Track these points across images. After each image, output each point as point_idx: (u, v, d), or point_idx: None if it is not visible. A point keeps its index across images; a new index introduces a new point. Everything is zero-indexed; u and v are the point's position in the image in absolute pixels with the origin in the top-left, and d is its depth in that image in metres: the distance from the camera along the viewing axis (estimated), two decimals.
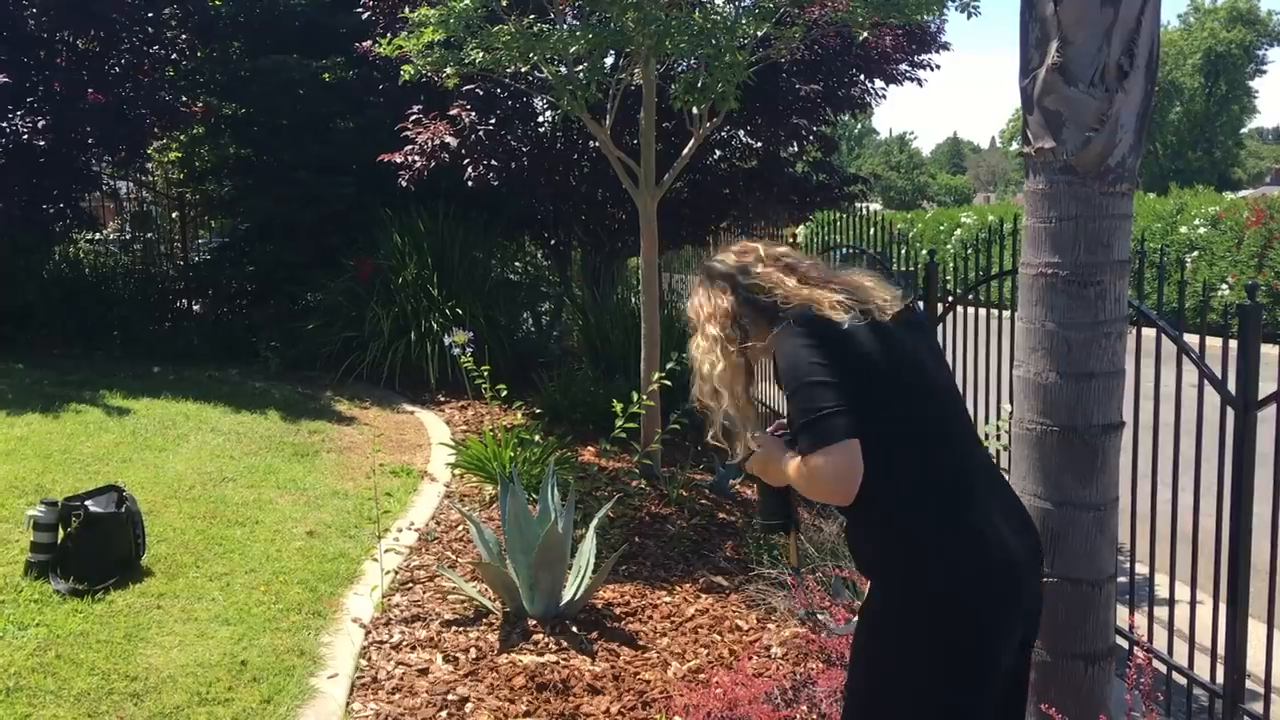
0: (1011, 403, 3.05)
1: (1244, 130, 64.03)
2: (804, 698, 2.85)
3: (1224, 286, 15.27)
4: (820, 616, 3.87)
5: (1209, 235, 16.20)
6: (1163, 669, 3.79)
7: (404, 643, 3.92)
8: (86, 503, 4.04)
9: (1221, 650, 3.55)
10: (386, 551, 4.56)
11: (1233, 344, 3.42)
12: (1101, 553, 2.88)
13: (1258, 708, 3.45)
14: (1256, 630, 3.52)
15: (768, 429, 2.33)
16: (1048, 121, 2.76)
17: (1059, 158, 2.74)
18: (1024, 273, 2.88)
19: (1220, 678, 3.63)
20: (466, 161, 7.78)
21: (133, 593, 3.95)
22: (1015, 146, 76.44)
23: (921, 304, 5.03)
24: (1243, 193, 29.33)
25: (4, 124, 8.15)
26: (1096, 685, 2.89)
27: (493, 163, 7.91)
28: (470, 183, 7.85)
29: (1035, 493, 2.85)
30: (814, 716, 2.77)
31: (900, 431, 2.11)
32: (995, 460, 2.45)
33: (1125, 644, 3.47)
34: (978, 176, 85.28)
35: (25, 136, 8.02)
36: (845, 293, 2.21)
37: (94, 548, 3.94)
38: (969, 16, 5.99)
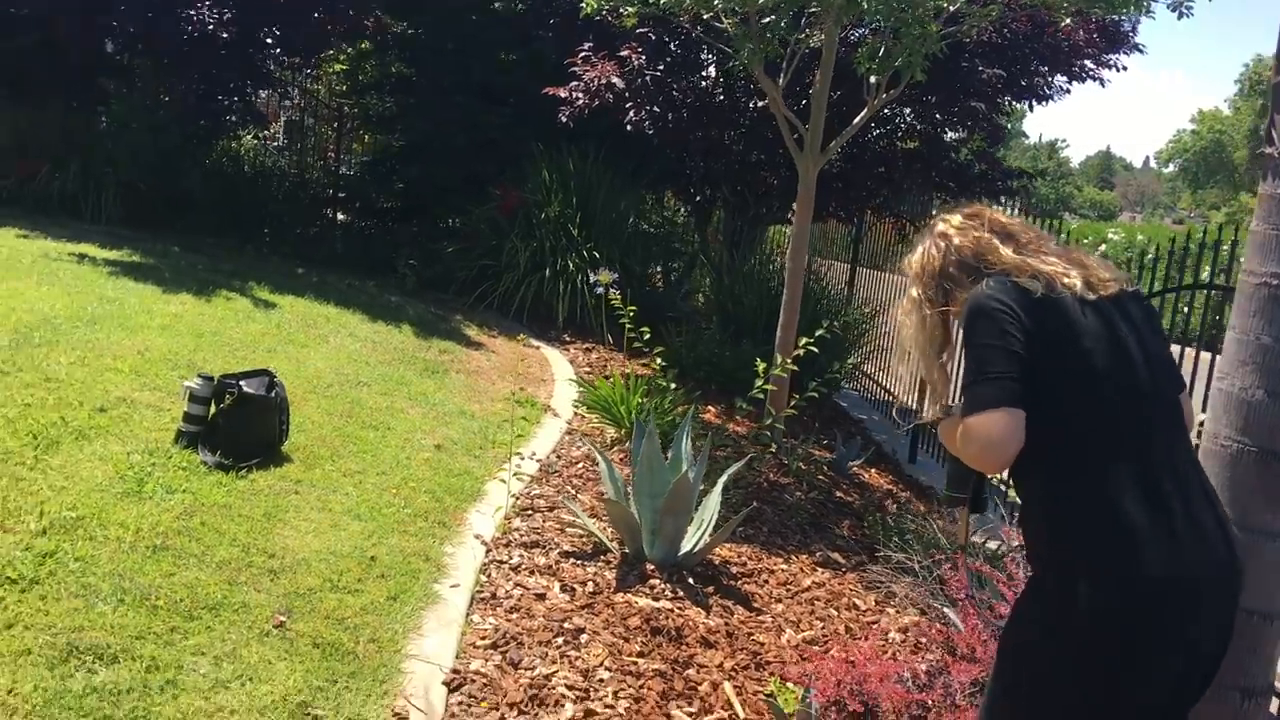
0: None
1: None
2: (939, 685, 2.76)
3: None
4: (947, 610, 3.76)
5: None
6: None
7: (523, 566, 3.94)
8: (241, 382, 4.15)
9: None
10: (514, 475, 4.60)
11: None
12: (1278, 586, 2.71)
13: None
14: None
15: None
16: None
17: None
18: (1245, 280, 2.70)
19: None
20: (629, 105, 7.74)
21: (273, 475, 4.05)
22: (1172, 169, 73.29)
23: None
24: None
25: (191, 11, 8.39)
26: None
27: (654, 109, 7.86)
28: (629, 126, 7.82)
29: None
30: (947, 704, 2.68)
31: (1080, 415, 1.98)
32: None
33: None
34: (1125, 195, 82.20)
35: (210, 26, 8.26)
36: (1057, 265, 2.09)
37: (242, 427, 4.05)
38: (1180, 17, 5.67)
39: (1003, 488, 5.94)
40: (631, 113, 7.72)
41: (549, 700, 3.03)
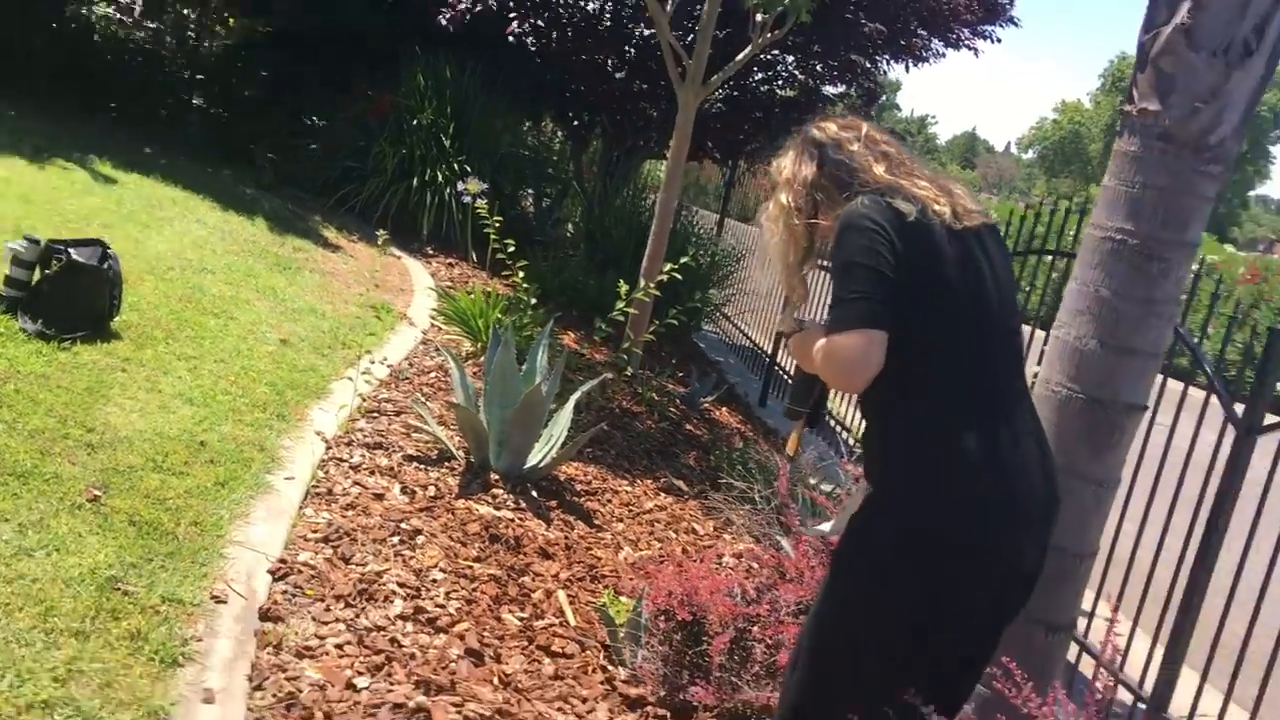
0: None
1: (1251, 193, 64.61)
2: (766, 600, 2.82)
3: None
4: (780, 539, 3.84)
5: (1204, 283, 16.27)
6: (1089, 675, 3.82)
7: (364, 466, 3.84)
8: (70, 250, 3.89)
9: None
10: (362, 374, 4.46)
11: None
12: (1091, 529, 2.86)
13: None
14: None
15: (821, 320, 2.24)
16: (1158, 83, 2.66)
17: (1160, 122, 2.64)
18: (1091, 234, 2.80)
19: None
20: (513, 15, 7.53)
21: (99, 350, 3.82)
22: (1031, 155, 76.31)
23: None
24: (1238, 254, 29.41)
25: None
26: (1051, 654, 2.89)
27: (539, 24, 7.66)
28: (511, 38, 7.60)
29: None
30: (773, 619, 2.74)
31: (938, 341, 2.00)
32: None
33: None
34: (985, 176, 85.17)
35: None
36: (929, 190, 2.10)
37: (70, 296, 3.80)
38: None
39: (840, 429, 6.11)
40: (515, 24, 7.52)
41: (378, 595, 2.97)
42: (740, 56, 6.10)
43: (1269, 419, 3.39)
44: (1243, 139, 2.74)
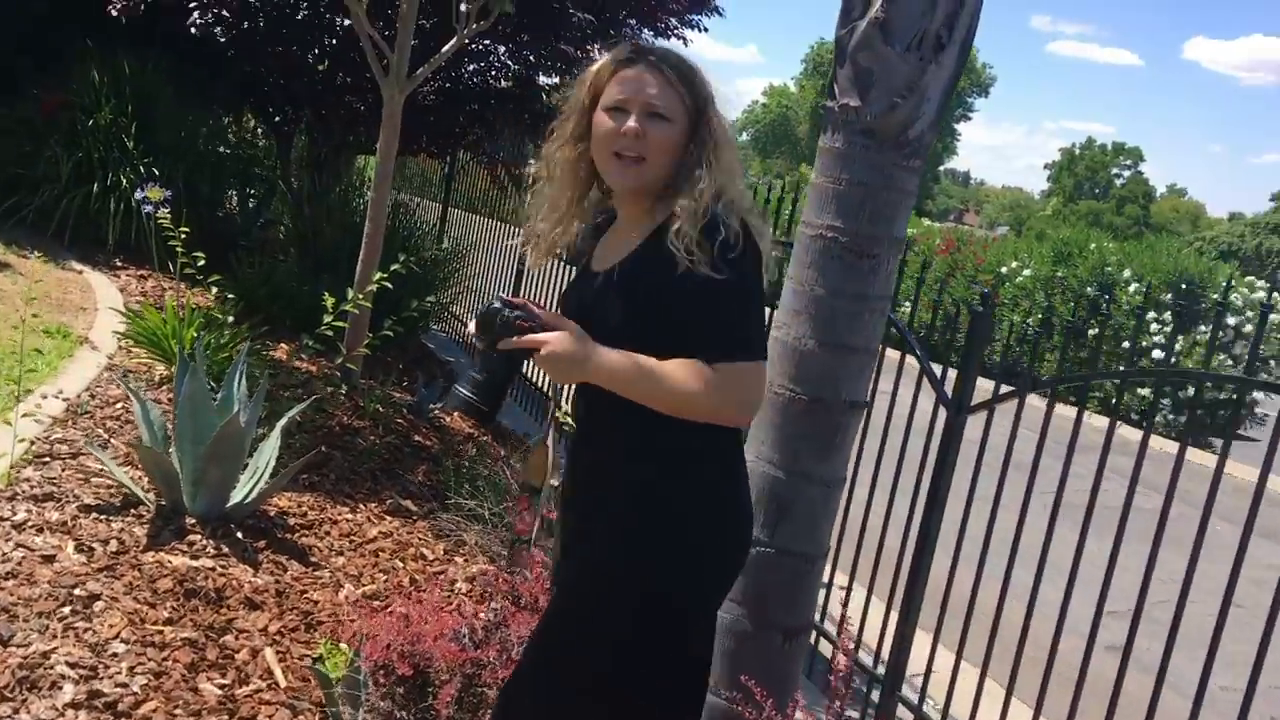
0: None
1: (941, 167, 70.66)
2: (495, 640, 2.62)
3: (905, 305, 16.46)
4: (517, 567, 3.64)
5: (911, 263, 17.42)
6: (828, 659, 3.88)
7: (29, 523, 3.32)
8: None
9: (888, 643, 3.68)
10: (24, 417, 3.89)
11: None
12: (821, 529, 2.83)
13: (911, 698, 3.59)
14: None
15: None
16: (858, 78, 2.64)
17: (862, 118, 2.63)
18: (802, 232, 2.76)
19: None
20: (193, 5, 6.88)
21: None
22: (744, 137, 79.83)
23: None
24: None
25: None
26: (791, 659, 2.85)
27: (224, 14, 7.04)
28: (194, 30, 6.95)
29: (770, 459, 2.75)
30: (503, 660, 2.54)
31: None
32: None
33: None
34: None
35: None
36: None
37: None
38: None
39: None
40: (196, 14, 6.86)
41: (43, 683, 2.54)
42: (445, 49, 5.81)
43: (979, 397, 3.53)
44: (938, 132, 2.78)
